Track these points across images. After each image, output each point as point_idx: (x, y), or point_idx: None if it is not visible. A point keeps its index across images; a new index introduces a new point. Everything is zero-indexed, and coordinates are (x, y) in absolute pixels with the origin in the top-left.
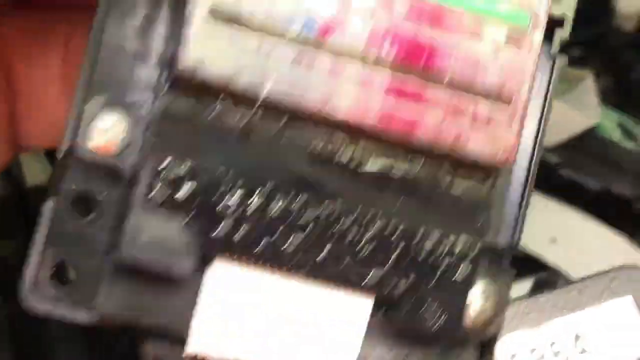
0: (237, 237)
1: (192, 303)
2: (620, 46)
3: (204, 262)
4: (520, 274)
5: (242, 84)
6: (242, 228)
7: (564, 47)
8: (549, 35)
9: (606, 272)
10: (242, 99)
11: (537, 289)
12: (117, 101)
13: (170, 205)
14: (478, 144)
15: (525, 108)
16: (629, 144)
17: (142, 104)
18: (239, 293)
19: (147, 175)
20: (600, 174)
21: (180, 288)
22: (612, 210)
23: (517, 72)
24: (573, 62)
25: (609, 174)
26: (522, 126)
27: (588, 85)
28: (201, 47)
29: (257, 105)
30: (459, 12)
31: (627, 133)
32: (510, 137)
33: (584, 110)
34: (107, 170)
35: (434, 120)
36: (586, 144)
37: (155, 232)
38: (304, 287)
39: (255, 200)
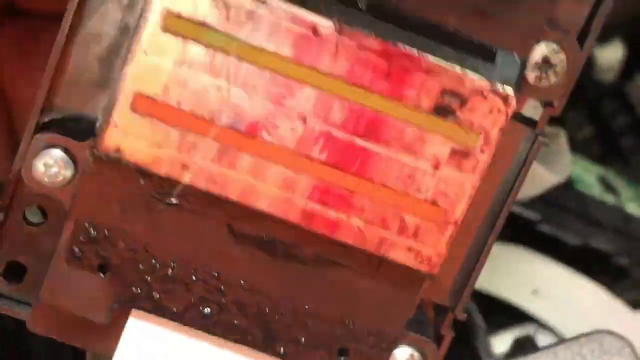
0: (155, 296)
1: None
2: (601, 97)
3: (121, 315)
4: (502, 325)
5: (160, 172)
6: (160, 288)
7: None
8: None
9: (577, 338)
10: (161, 181)
11: (517, 349)
12: (66, 140)
13: (88, 260)
14: (402, 253)
15: (458, 224)
16: (608, 198)
17: (84, 149)
18: (154, 349)
19: (69, 231)
20: (579, 229)
21: (102, 331)
22: (592, 264)
23: (454, 190)
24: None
25: (588, 229)
26: (451, 242)
27: (561, 143)
28: (121, 135)
29: (176, 189)
30: (400, 124)
31: (608, 186)
32: (436, 252)
33: (555, 168)
34: (47, 201)
35: (357, 225)
36: (566, 200)
37: (73, 282)
38: (217, 350)
39: (174, 267)
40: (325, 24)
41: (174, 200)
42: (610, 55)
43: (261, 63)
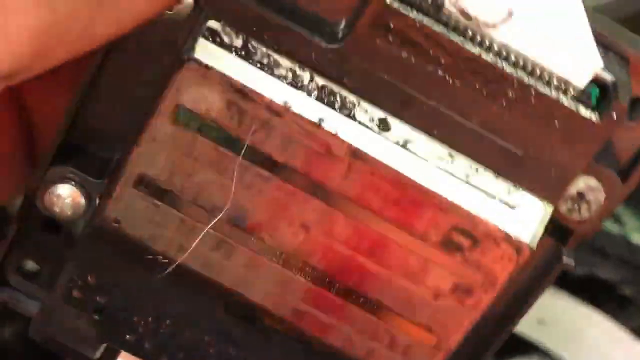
0: (145, 345)
1: None
2: None
3: (111, 353)
4: (508, 355)
5: (157, 249)
6: (150, 340)
7: None
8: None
9: None
10: (156, 255)
11: None
12: (81, 177)
13: (84, 302)
14: None
15: (450, 352)
16: (614, 228)
17: (98, 188)
18: None
19: (68, 273)
20: (584, 259)
21: None
22: (597, 293)
23: (451, 321)
24: None
25: (593, 259)
26: None
27: None
28: (121, 209)
29: (171, 265)
30: (404, 251)
31: (613, 217)
32: None
33: None
34: (58, 229)
35: (347, 331)
36: None
37: (67, 318)
38: None
39: (166, 324)
40: (339, 146)
41: (168, 271)
42: None
43: (269, 170)
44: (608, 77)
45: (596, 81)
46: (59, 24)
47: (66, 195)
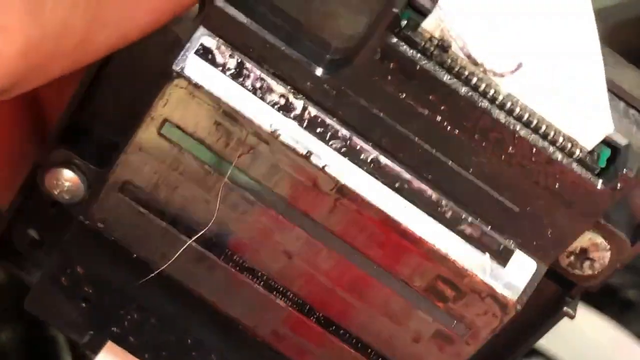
0: (130, 339)
1: None
2: None
3: (98, 340)
4: None
5: (140, 254)
6: (136, 334)
7: None
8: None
9: None
10: (139, 259)
11: None
12: (81, 162)
13: (72, 290)
14: None
15: None
16: None
17: (98, 175)
18: None
19: (57, 261)
20: None
21: None
22: (601, 297)
23: None
24: None
25: None
26: None
27: None
28: (106, 211)
29: (154, 270)
30: (387, 292)
31: None
32: None
33: None
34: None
35: (325, 359)
36: None
37: (56, 302)
38: None
39: (152, 323)
40: (326, 181)
41: (150, 277)
42: None
43: (254, 194)
44: (620, 141)
45: (607, 142)
46: (49, 40)
47: (66, 180)
